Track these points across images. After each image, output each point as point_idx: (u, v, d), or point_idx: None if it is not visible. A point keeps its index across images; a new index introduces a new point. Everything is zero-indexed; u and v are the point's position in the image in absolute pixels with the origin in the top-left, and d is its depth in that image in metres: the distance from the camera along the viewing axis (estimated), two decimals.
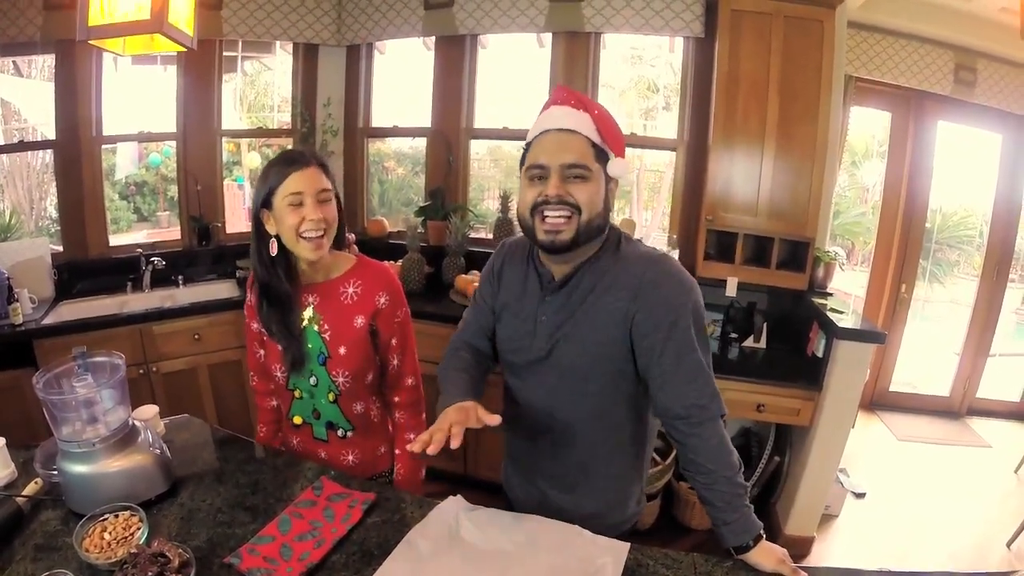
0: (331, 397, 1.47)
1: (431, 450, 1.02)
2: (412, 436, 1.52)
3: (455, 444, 1.03)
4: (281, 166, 1.35)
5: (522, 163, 1.21)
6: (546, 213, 1.13)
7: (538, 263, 1.27)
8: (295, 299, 1.44)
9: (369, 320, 1.45)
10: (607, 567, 1.08)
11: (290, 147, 3.86)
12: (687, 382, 1.14)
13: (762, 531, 1.11)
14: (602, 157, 1.16)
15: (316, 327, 1.44)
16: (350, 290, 1.46)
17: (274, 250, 1.39)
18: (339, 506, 1.26)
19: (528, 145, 1.20)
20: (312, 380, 1.47)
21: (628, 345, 1.17)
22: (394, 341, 1.50)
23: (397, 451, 1.58)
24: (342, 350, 1.43)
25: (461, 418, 1.07)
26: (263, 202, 1.36)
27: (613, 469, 1.32)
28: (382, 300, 1.45)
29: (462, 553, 1.13)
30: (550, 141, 1.15)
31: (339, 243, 1.49)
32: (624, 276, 1.17)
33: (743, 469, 1.18)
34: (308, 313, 1.45)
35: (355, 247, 2.47)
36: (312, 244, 1.35)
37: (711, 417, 1.14)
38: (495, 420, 1.08)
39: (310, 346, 1.45)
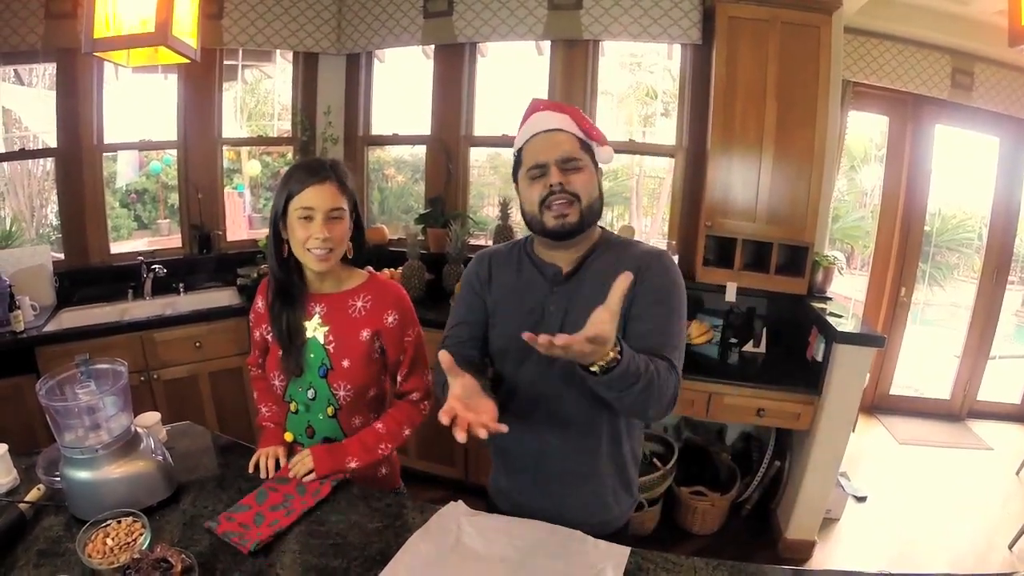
0: (330, 411, 1.46)
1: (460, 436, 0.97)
2: (383, 444, 1.48)
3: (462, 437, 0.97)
4: (302, 175, 1.35)
5: (515, 171, 1.32)
6: (554, 203, 1.22)
7: (537, 259, 1.34)
8: (303, 300, 1.46)
9: (374, 335, 1.45)
10: (607, 571, 1.08)
11: (290, 156, 3.88)
12: (658, 332, 1.19)
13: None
14: (587, 149, 1.27)
15: (321, 338, 1.44)
16: (359, 304, 1.45)
17: (287, 250, 1.41)
18: (311, 483, 1.38)
19: (519, 152, 1.30)
20: (310, 393, 1.46)
21: (623, 323, 1.21)
22: (402, 358, 1.50)
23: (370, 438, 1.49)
24: (345, 363, 1.43)
25: (469, 415, 1.00)
26: (278, 206, 1.38)
27: (599, 462, 1.32)
28: (390, 319, 1.45)
29: (464, 559, 1.13)
30: (542, 141, 1.25)
31: (356, 259, 1.48)
32: (628, 264, 1.20)
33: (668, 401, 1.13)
34: (314, 322, 1.45)
35: None
36: (316, 257, 1.36)
37: (668, 367, 1.14)
38: (503, 429, 1.03)
39: (311, 356, 1.45)
